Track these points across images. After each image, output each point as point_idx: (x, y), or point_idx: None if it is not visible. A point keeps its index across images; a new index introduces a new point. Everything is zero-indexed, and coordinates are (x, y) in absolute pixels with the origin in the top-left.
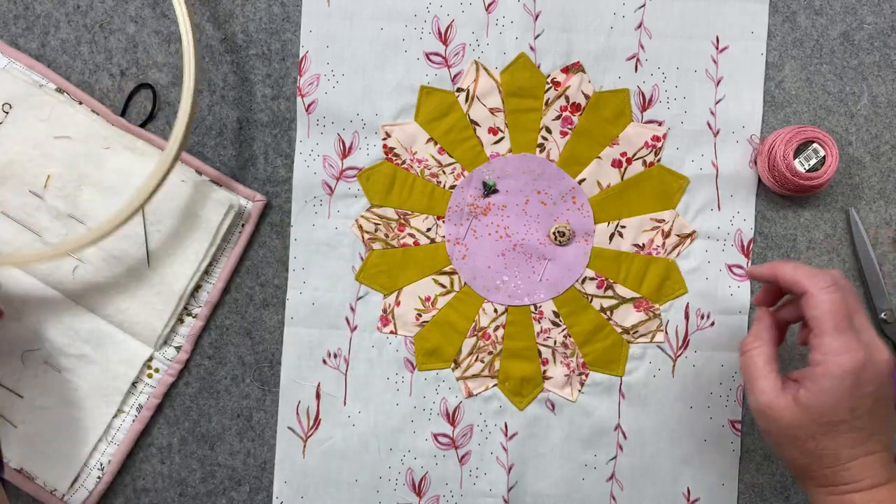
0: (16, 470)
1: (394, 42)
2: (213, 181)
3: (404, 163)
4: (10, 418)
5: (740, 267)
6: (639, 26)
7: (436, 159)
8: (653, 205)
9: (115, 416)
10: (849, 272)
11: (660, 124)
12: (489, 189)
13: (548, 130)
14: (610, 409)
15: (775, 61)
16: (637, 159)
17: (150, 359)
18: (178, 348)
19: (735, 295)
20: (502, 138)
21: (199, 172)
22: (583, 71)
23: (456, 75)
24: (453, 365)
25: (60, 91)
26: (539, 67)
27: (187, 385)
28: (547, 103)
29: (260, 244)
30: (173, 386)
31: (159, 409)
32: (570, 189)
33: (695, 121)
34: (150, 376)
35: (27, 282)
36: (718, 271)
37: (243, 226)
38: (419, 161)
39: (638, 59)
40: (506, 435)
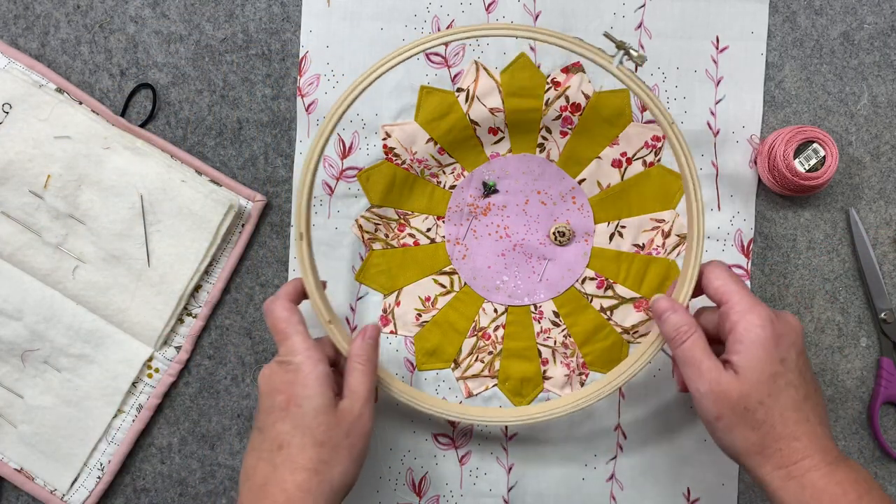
0: (16, 470)
1: (394, 42)
2: (213, 181)
3: (404, 163)
4: (10, 418)
5: (741, 267)
6: (639, 26)
7: (436, 159)
8: (653, 205)
9: (115, 416)
10: (849, 272)
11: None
12: (489, 189)
13: (548, 130)
14: (610, 409)
15: (775, 61)
16: (637, 159)
17: (150, 359)
18: (178, 348)
19: None
20: (502, 138)
21: (199, 172)
22: (583, 71)
23: (456, 75)
24: (453, 365)
25: (60, 91)
26: (539, 67)
27: (187, 385)
28: (547, 103)
29: (260, 244)
30: (173, 386)
31: (159, 409)
32: (570, 189)
33: (695, 121)
34: (150, 376)
35: (27, 282)
36: None
37: (243, 226)
38: (419, 161)
39: None
40: (506, 435)
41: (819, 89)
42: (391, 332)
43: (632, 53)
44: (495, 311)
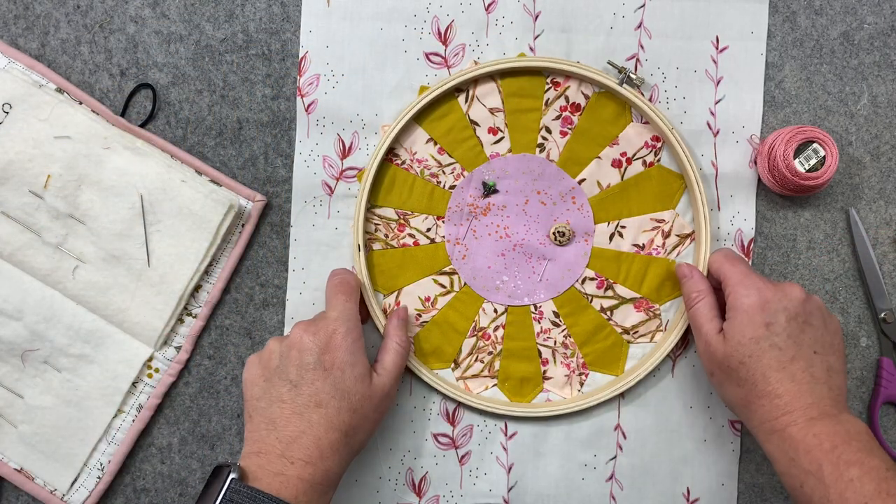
0: (16, 470)
1: (394, 42)
2: (213, 181)
3: (404, 163)
4: (10, 418)
5: None
6: (638, 26)
7: (436, 159)
8: (653, 205)
9: (115, 416)
10: (849, 272)
11: None
12: (489, 189)
13: (548, 130)
14: (610, 409)
15: (775, 61)
16: (637, 159)
17: (150, 359)
18: (178, 348)
19: None
20: (502, 138)
21: (199, 172)
22: None
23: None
24: (453, 365)
25: (60, 91)
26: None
27: (187, 385)
28: (547, 103)
29: (260, 244)
30: (173, 386)
31: (159, 409)
32: (570, 189)
33: (695, 121)
34: (150, 376)
35: (27, 282)
36: None
37: (243, 226)
38: (419, 161)
39: (638, 59)
40: (506, 435)
41: (819, 89)
42: None
43: (632, 77)
44: (495, 311)
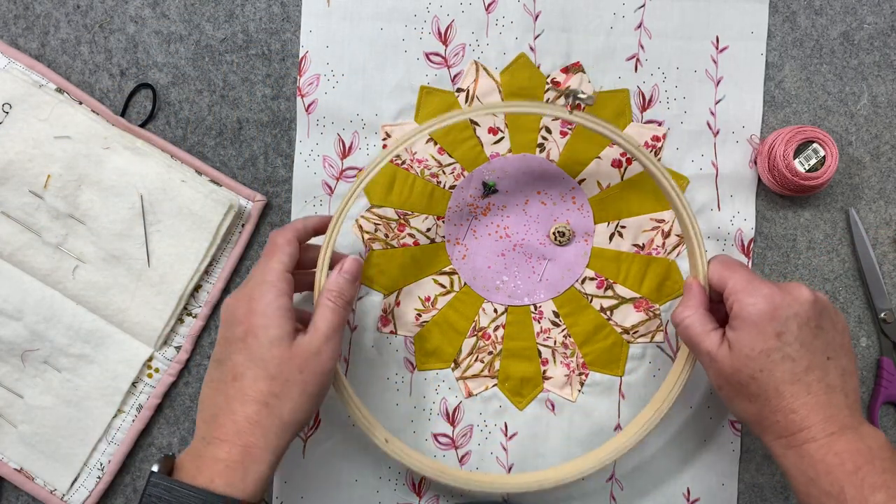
0: (16, 470)
1: (394, 42)
2: (213, 181)
3: (404, 163)
4: (10, 418)
5: None
6: (638, 26)
7: (436, 159)
8: (653, 205)
9: (115, 416)
10: (849, 272)
11: (660, 124)
12: (489, 189)
13: (548, 130)
14: (610, 409)
15: (775, 61)
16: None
17: (150, 359)
18: (178, 348)
19: None
20: (502, 138)
21: (199, 172)
22: (583, 71)
23: (456, 75)
24: (453, 365)
25: (60, 91)
26: (539, 67)
27: (187, 385)
28: (547, 103)
29: (260, 244)
30: (173, 386)
31: (159, 409)
32: (570, 189)
33: (695, 121)
34: (150, 376)
35: (27, 282)
36: None
37: (243, 226)
38: (419, 161)
39: (638, 59)
40: (506, 435)
41: (819, 89)
42: (391, 333)
43: (580, 97)
44: (495, 311)
